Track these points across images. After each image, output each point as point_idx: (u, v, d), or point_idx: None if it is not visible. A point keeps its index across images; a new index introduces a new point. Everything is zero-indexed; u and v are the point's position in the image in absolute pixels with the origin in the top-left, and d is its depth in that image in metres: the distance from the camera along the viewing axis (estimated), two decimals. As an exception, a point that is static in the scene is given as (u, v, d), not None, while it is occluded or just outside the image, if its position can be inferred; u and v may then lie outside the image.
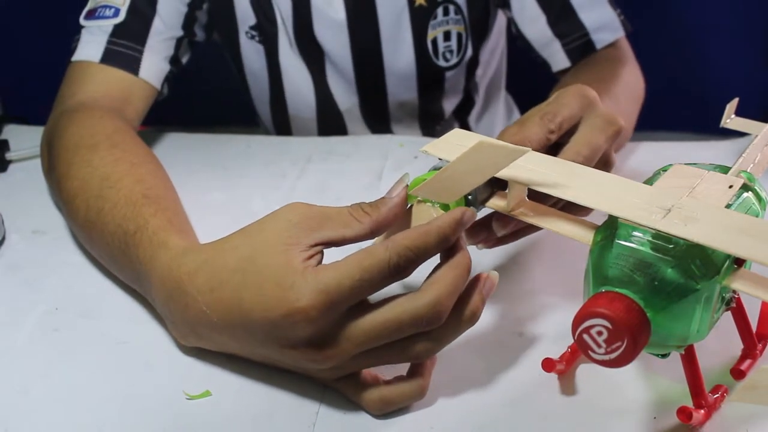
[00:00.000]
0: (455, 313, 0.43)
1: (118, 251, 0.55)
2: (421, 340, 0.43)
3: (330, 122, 0.95)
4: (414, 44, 0.87)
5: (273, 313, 0.42)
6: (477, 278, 0.45)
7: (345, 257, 0.42)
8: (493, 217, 0.51)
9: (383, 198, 0.45)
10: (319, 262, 0.43)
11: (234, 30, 0.89)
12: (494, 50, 0.99)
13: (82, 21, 0.78)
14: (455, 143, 0.48)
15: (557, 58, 0.83)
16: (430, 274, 0.43)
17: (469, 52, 0.90)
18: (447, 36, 0.87)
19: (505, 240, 0.54)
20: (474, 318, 0.44)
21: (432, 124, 0.96)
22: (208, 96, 0.99)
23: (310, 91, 0.92)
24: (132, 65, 0.76)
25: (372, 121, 0.95)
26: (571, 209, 0.48)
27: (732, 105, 0.54)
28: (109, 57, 0.76)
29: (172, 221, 0.54)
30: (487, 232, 0.52)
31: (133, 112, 0.75)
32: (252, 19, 0.88)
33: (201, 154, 0.80)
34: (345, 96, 0.92)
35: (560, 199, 0.46)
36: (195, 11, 0.83)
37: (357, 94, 0.92)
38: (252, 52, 0.91)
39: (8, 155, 0.79)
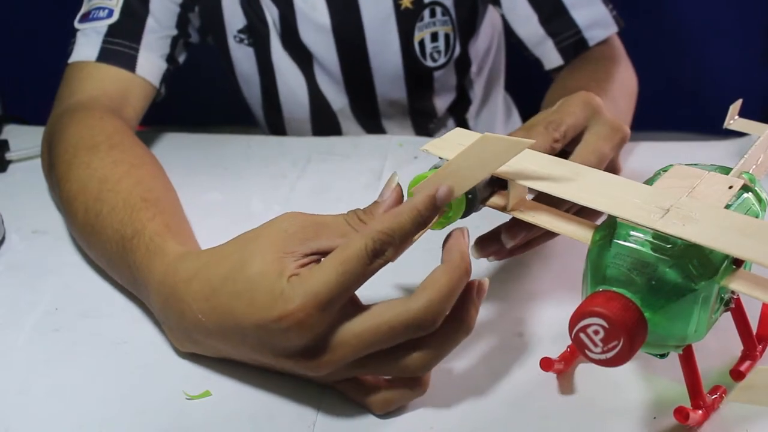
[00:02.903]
0: (450, 321, 0.43)
1: (115, 256, 0.55)
2: (416, 349, 0.43)
3: (324, 122, 0.95)
4: (401, 46, 0.87)
5: (264, 321, 0.41)
6: (469, 285, 0.44)
7: (325, 257, 0.42)
8: (503, 228, 0.51)
9: (376, 202, 0.45)
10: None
11: (223, 34, 0.89)
12: (489, 47, 0.99)
13: (76, 24, 0.78)
14: (455, 142, 0.48)
15: (550, 56, 0.83)
16: (427, 277, 0.43)
17: (457, 51, 0.90)
18: (434, 37, 0.87)
19: (516, 251, 0.54)
20: (469, 328, 0.44)
21: (424, 121, 0.96)
22: (208, 96, 0.99)
23: (303, 92, 0.92)
24: (129, 63, 0.77)
25: (364, 120, 0.95)
26: (582, 214, 0.48)
27: (735, 106, 0.54)
28: (106, 56, 0.76)
29: (170, 225, 0.54)
30: (497, 244, 0.52)
31: (132, 111, 0.75)
32: (240, 23, 0.88)
33: (200, 154, 0.80)
34: (335, 96, 0.92)
35: (574, 204, 0.46)
36: (188, 13, 0.83)
37: (346, 94, 0.92)
38: (241, 56, 0.91)
39: (8, 155, 0.79)
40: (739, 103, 0.54)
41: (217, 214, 0.68)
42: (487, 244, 0.52)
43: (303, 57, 0.89)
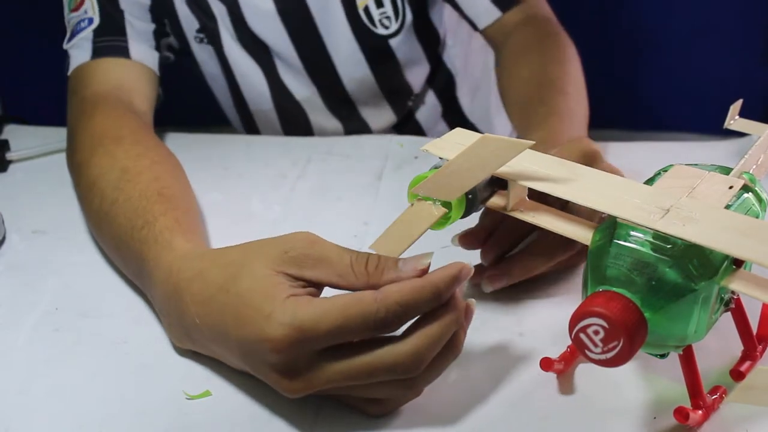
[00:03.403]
0: (436, 356, 0.43)
1: (124, 245, 0.55)
2: (396, 383, 0.43)
3: (289, 113, 0.93)
4: (347, 17, 0.86)
5: (247, 337, 0.42)
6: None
7: (332, 297, 0.41)
8: (485, 274, 0.53)
9: (395, 266, 0.42)
10: (311, 293, 0.43)
11: (184, 38, 0.89)
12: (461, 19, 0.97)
13: (65, 46, 0.79)
14: (456, 142, 0.48)
15: (483, 9, 0.81)
16: (417, 320, 0.42)
17: (409, 16, 0.88)
18: (379, 3, 0.85)
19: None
20: (458, 352, 0.44)
21: (400, 99, 0.94)
22: (208, 96, 0.99)
23: (262, 84, 0.91)
24: (122, 53, 0.78)
25: (338, 110, 0.93)
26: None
27: (736, 107, 0.54)
28: (99, 53, 0.77)
29: (181, 222, 0.55)
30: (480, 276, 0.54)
31: (144, 99, 0.76)
32: (196, 23, 0.88)
33: (201, 154, 0.80)
34: (300, 86, 0.91)
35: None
36: (162, 17, 0.83)
37: (312, 83, 0.90)
38: (205, 57, 0.91)
39: (8, 155, 0.79)
40: (739, 103, 0.54)
41: (217, 214, 0.68)
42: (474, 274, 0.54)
43: (259, 48, 0.88)
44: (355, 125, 0.94)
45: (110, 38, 0.78)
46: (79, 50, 0.78)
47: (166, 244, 0.52)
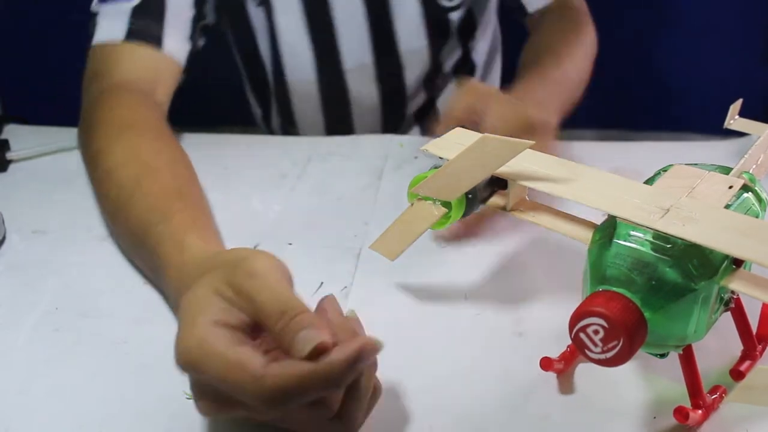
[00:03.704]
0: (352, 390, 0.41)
1: (139, 240, 0.56)
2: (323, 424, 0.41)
3: (331, 84, 0.93)
4: None
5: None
6: (362, 356, 0.37)
7: (235, 349, 0.39)
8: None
9: (299, 330, 0.38)
10: (239, 326, 0.41)
11: (240, 3, 0.88)
12: (490, 17, 0.99)
13: (95, 6, 0.77)
14: (455, 142, 0.48)
15: None
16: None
17: None
18: None
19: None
20: (379, 391, 0.43)
21: (432, 80, 0.96)
22: (209, 96, 0.99)
23: (306, 52, 0.90)
24: (156, 42, 0.76)
25: (384, 78, 0.93)
26: None
27: (735, 106, 0.54)
28: (133, 35, 0.75)
29: (196, 220, 0.55)
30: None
31: (164, 93, 0.76)
32: None
33: (201, 154, 0.80)
34: (355, 52, 0.90)
35: None
36: None
37: (371, 48, 0.90)
38: (261, 22, 0.90)
39: (8, 155, 0.79)
40: (739, 103, 0.54)
41: (217, 213, 0.68)
42: None
43: (318, 9, 0.87)
44: (394, 100, 0.95)
45: (147, 22, 0.76)
46: (111, 22, 0.75)
47: (179, 242, 0.52)
